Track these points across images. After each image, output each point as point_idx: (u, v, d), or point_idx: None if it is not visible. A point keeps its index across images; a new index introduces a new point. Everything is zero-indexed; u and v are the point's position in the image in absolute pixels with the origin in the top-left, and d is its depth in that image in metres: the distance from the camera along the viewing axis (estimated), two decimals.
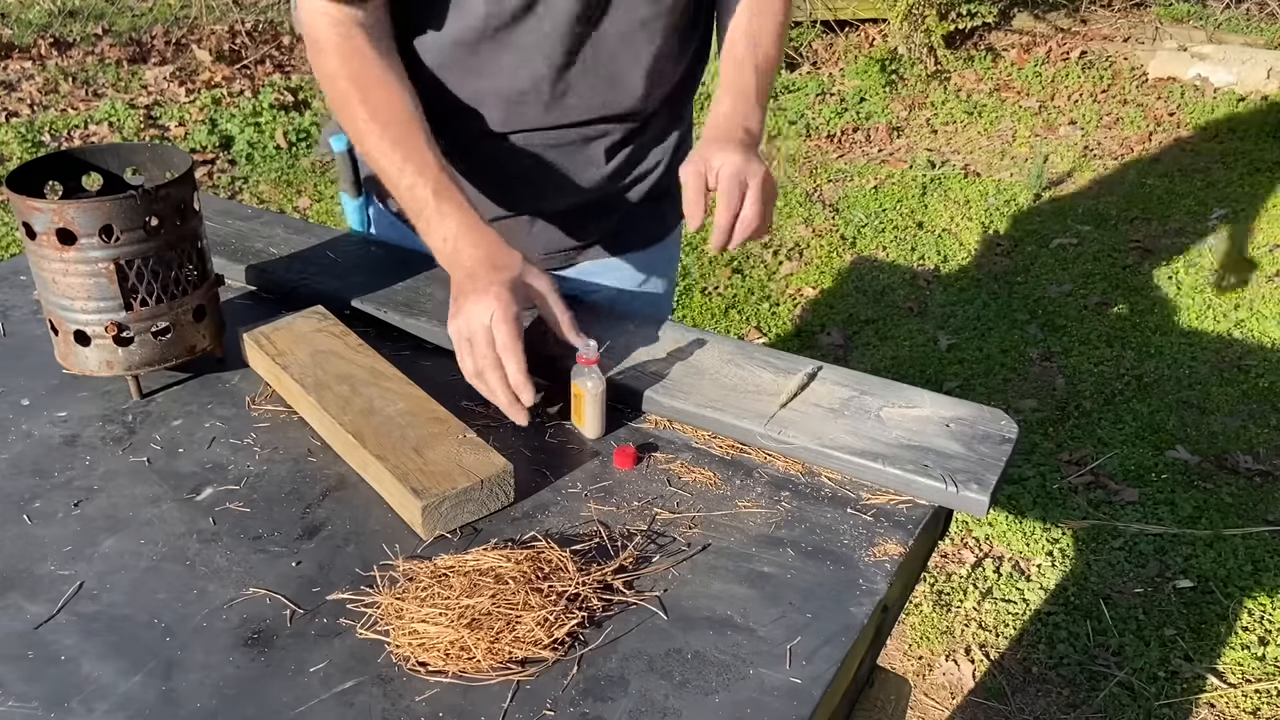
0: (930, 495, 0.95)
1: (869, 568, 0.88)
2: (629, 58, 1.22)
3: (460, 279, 1.07)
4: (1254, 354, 3.10)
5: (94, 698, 0.76)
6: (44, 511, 0.93)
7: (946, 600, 2.26)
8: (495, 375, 1.01)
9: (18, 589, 0.85)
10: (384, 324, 1.19)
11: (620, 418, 1.07)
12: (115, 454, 1.01)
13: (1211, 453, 2.67)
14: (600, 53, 1.20)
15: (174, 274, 1.05)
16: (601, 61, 1.21)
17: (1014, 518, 2.47)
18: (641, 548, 0.90)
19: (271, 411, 1.07)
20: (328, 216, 3.85)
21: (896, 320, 3.23)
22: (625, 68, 1.22)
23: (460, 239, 1.09)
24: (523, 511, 0.94)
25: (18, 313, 1.23)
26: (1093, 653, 2.12)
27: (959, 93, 4.96)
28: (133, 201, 0.99)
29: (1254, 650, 2.11)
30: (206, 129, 4.42)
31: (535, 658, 0.79)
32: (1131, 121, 4.70)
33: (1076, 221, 3.90)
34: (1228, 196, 4.06)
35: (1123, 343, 3.16)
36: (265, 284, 1.28)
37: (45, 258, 1.01)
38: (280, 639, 0.81)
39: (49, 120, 4.42)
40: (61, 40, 5.35)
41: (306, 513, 0.94)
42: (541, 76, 1.20)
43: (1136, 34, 5.30)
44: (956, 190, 4.10)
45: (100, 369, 1.05)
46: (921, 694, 2.05)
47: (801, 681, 0.78)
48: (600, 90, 1.23)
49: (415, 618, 0.80)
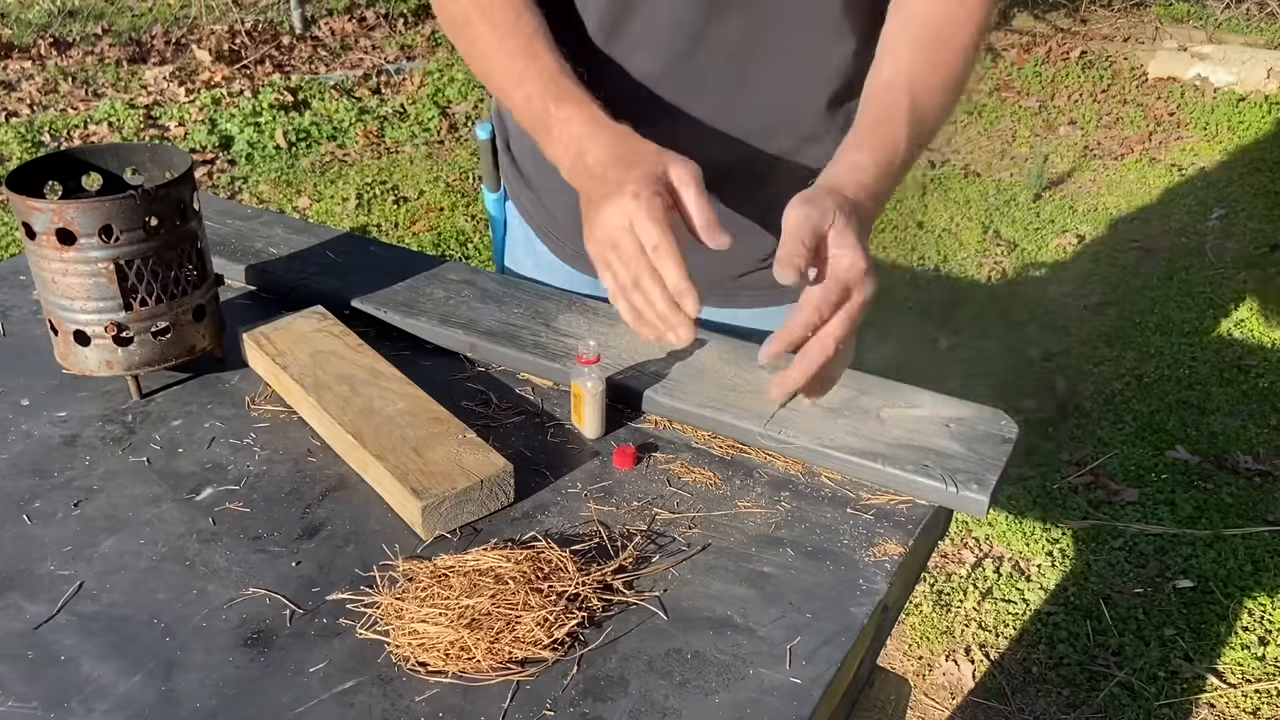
0: (930, 495, 0.95)
1: (869, 568, 0.88)
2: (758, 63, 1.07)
3: (589, 187, 0.94)
4: (1254, 354, 3.10)
5: (94, 698, 0.76)
6: (44, 511, 0.93)
7: (946, 600, 2.26)
8: (651, 283, 0.87)
9: (17, 589, 0.85)
10: (384, 324, 1.19)
11: (620, 418, 1.07)
12: (115, 454, 1.01)
13: (1211, 453, 2.67)
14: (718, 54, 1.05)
15: (174, 274, 1.05)
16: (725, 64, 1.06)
17: (1014, 518, 2.47)
18: (641, 548, 0.90)
19: (271, 411, 1.07)
20: (328, 216, 3.85)
21: (896, 320, 3.23)
22: (755, 74, 1.07)
23: (584, 140, 0.96)
24: (523, 511, 0.94)
25: (18, 313, 1.23)
26: (1093, 653, 2.12)
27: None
28: (132, 201, 0.99)
29: (1254, 650, 2.11)
30: (206, 129, 4.42)
31: (535, 658, 0.79)
32: (1131, 121, 4.70)
33: (1076, 221, 3.89)
34: (1228, 196, 4.06)
35: (1123, 343, 3.16)
36: (265, 284, 1.28)
37: (45, 258, 1.01)
38: (280, 639, 0.81)
39: (49, 120, 4.42)
40: (61, 40, 5.35)
41: (306, 513, 0.93)
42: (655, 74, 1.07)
43: (1136, 34, 5.29)
44: (956, 190, 4.10)
45: (100, 369, 1.05)
46: (921, 694, 2.05)
47: (801, 681, 0.77)
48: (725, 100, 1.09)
49: (415, 618, 0.80)
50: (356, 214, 3.89)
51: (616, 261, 0.89)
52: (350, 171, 4.22)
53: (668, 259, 0.86)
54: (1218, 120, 4.66)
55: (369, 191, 4.05)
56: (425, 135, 4.59)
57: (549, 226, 1.32)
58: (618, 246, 0.88)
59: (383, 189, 4.08)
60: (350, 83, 4.99)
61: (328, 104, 4.75)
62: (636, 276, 0.88)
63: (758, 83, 1.11)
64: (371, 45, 5.57)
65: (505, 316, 1.17)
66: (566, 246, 1.31)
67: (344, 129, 4.58)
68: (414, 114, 4.76)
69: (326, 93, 4.85)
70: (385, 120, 4.69)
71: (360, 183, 4.11)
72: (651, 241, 0.86)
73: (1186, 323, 3.26)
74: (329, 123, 4.61)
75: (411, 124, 4.68)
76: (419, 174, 4.20)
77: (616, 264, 0.89)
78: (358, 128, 4.59)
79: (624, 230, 0.87)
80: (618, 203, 0.88)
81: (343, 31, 5.67)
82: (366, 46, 5.55)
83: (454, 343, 1.15)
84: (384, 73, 5.14)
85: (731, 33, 1.08)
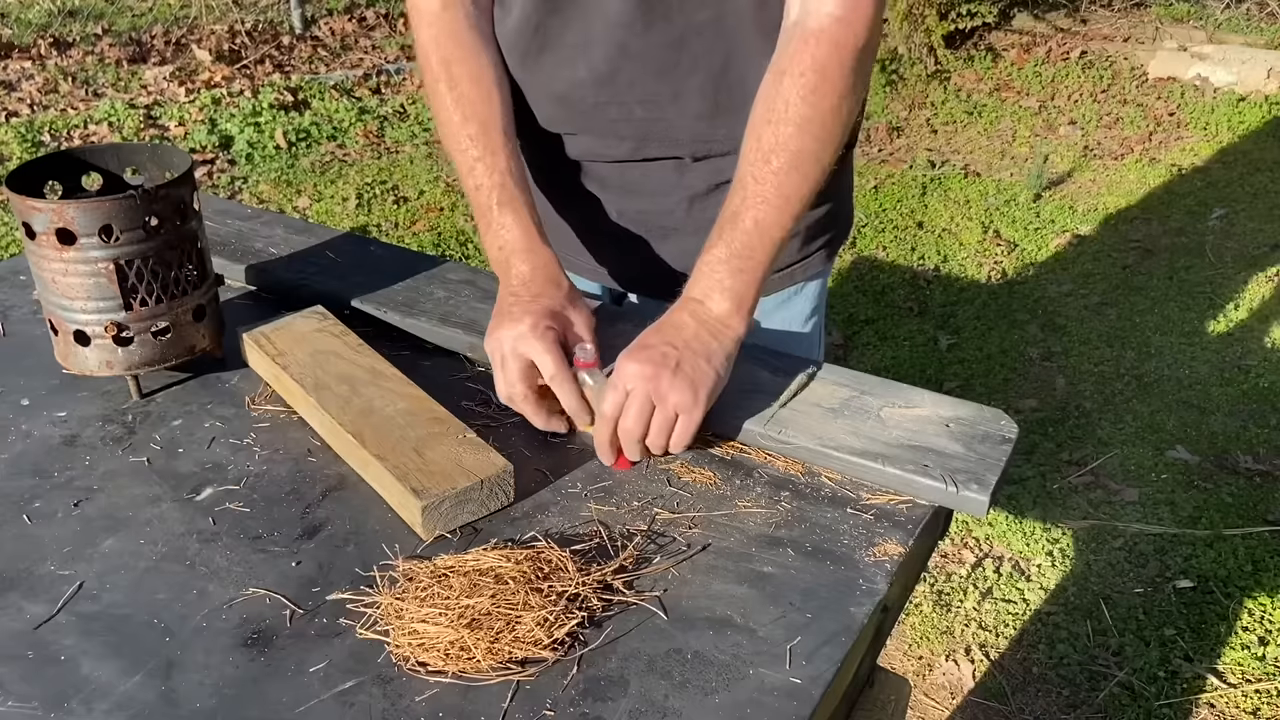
0: (930, 495, 0.95)
1: (869, 568, 0.88)
2: (686, 68, 1.11)
3: (503, 296, 1.04)
4: (1254, 354, 3.09)
5: (94, 698, 0.76)
6: (44, 511, 0.93)
7: (946, 600, 2.26)
8: (527, 406, 0.99)
9: (18, 589, 0.85)
10: (384, 324, 1.19)
11: None
12: (115, 454, 1.01)
13: (1211, 453, 2.67)
14: (649, 61, 1.10)
15: (174, 274, 1.05)
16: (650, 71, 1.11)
17: (1014, 518, 2.47)
18: (641, 548, 0.90)
19: (271, 411, 1.07)
20: (328, 216, 3.85)
21: (896, 320, 3.23)
22: (682, 79, 1.11)
23: (513, 255, 1.06)
24: (523, 511, 0.94)
25: (18, 313, 1.23)
26: (1093, 653, 2.12)
27: (959, 92, 4.97)
28: (133, 201, 0.99)
29: (1254, 650, 2.11)
30: (206, 129, 4.42)
31: (535, 658, 0.79)
32: (1131, 121, 4.70)
33: (1076, 221, 3.89)
34: (1228, 196, 4.06)
35: (1123, 343, 3.16)
36: (265, 284, 1.28)
37: (45, 258, 1.01)
38: (280, 639, 0.81)
39: (49, 120, 4.42)
40: (61, 40, 5.35)
41: (306, 513, 0.93)
42: (582, 81, 1.13)
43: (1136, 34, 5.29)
44: (956, 190, 4.10)
45: (100, 369, 1.05)
46: (921, 694, 2.05)
47: (801, 681, 0.77)
48: (653, 105, 1.13)
49: (415, 618, 0.80)
50: (356, 214, 3.89)
51: (502, 375, 1.00)
52: (350, 171, 4.22)
53: (563, 385, 0.97)
54: (1218, 120, 4.66)
55: (369, 191, 4.05)
56: (425, 135, 4.59)
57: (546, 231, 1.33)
58: (505, 365, 0.99)
59: (383, 189, 4.08)
60: (350, 83, 4.99)
61: (328, 104, 4.75)
62: (513, 398, 1.00)
63: (686, 93, 1.14)
64: (371, 45, 5.57)
65: None
66: (564, 252, 1.31)
67: (344, 129, 4.58)
68: (414, 114, 4.76)
69: (326, 93, 4.85)
70: (385, 120, 4.69)
71: (360, 183, 4.11)
72: (549, 371, 0.97)
73: (1186, 323, 3.26)
74: (329, 123, 4.61)
75: (411, 124, 4.68)
76: (419, 174, 4.20)
77: (502, 378, 1.00)
78: (358, 128, 4.59)
79: (512, 354, 0.98)
80: (515, 328, 0.98)
81: (343, 31, 5.67)
82: (366, 46, 5.55)
83: (454, 343, 1.15)
84: (384, 73, 5.14)
85: (655, 45, 1.10)
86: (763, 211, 1.00)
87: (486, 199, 1.09)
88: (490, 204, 1.08)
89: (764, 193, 1.00)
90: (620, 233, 1.28)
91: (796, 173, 1.00)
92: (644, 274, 1.30)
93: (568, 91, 1.16)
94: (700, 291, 1.01)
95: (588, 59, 1.13)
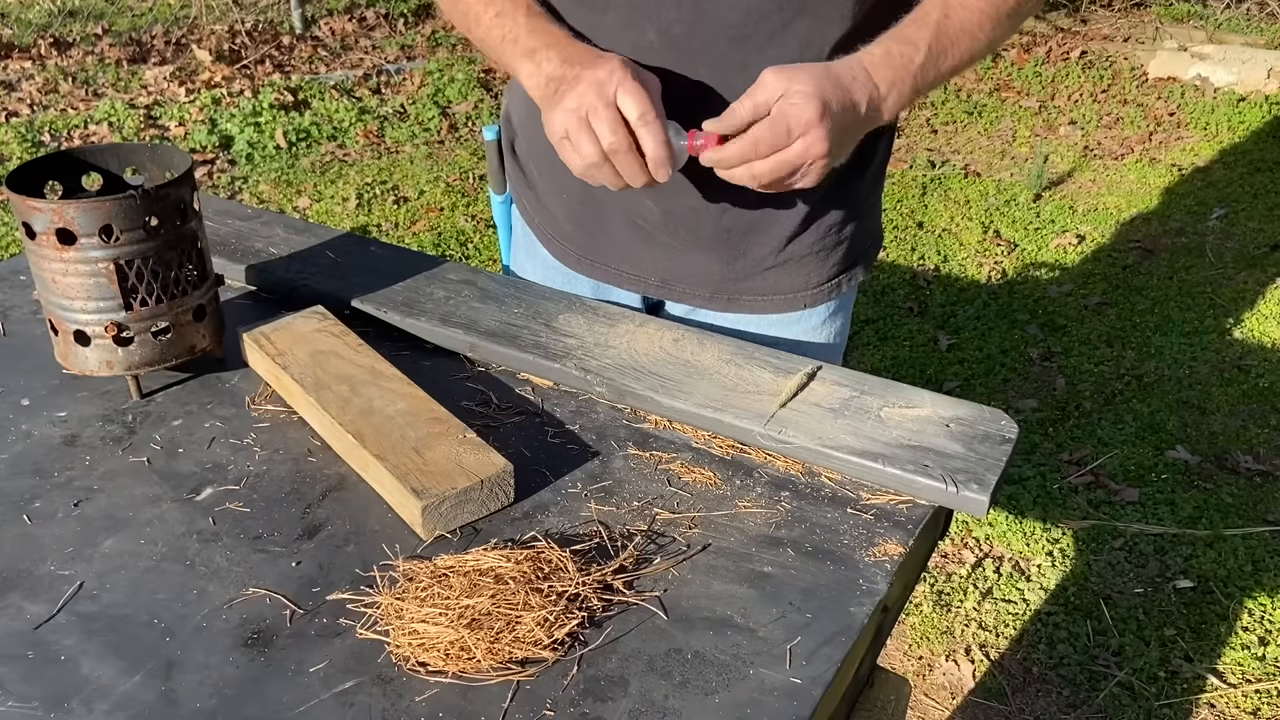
0: (930, 495, 0.95)
1: (869, 568, 0.88)
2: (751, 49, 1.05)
3: (558, 77, 0.95)
4: (1254, 354, 3.10)
5: (94, 698, 0.76)
6: (44, 511, 0.93)
7: (946, 600, 2.26)
8: (630, 160, 0.91)
9: (18, 589, 0.85)
10: (384, 324, 1.19)
11: (620, 417, 1.07)
12: (115, 454, 1.01)
13: (1211, 453, 2.67)
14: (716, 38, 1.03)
15: (174, 274, 1.05)
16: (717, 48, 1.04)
17: (1014, 518, 2.47)
18: (641, 548, 0.90)
19: (271, 411, 1.07)
20: (327, 216, 3.85)
21: (896, 320, 3.23)
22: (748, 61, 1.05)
23: (551, 48, 0.98)
24: (523, 511, 0.94)
25: (18, 313, 1.23)
26: (1093, 653, 2.12)
27: (959, 92, 4.97)
28: (133, 201, 0.99)
29: (1254, 650, 2.11)
30: (206, 129, 4.42)
31: (535, 658, 0.79)
32: (1131, 121, 4.71)
33: (1076, 221, 3.90)
34: (1228, 196, 4.06)
35: (1123, 343, 3.16)
36: (265, 284, 1.28)
37: (45, 258, 1.01)
38: (280, 639, 0.81)
39: (49, 120, 4.42)
40: (61, 40, 5.35)
41: (306, 513, 0.94)
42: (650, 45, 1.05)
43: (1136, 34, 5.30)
44: (956, 190, 4.10)
45: (100, 369, 1.05)
46: (921, 694, 2.05)
47: (801, 681, 0.78)
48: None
49: (415, 618, 0.80)
50: (356, 214, 3.89)
51: (585, 135, 0.90)
52: (350, 171, 4.22)
53: (652, 129, 0.89)
54: (1218, 120, 4.66)
55: (369, 191, 4.05)
56: (425, 135, 4.59)
57: (550, 228, 1.32)
58: (596, 117, 0.90)
59: (383, 189, 4.08)
60: (350, 83, 4.99)
61: (328, 104, 4.75)
62: (615, 149, 0.91)
63: (756, 65, 1.08)
64: (371, 45, 5.57)
65: (505, 316, 1.17)
66: (568, 250, 1.31)
67: (344, 129, 4.58)
68: (414, 114, 4.76)
69: (326, 93, 4.85)
70: (385, 120, 4.69)
71: (360, 183, 4.11)
72: (638, 111, 0.89)
73: (1186, 323, 3.26)
74: (329, 123, 4.61)
75: (412, 124, 4.68)
76: (419, 174, 4.20)
77: (586, 139, 0.91)
78: (358, 128, 4.59)
79: (602, 101, 0.89)
80: (592, 80, 0.90)
81: (343, 31, 5.67)
82: (366, 46, 5.55)
83: (454, 343, 1.15)
84: (384, 73, 5.14)
85: (734, 10, 1.05)
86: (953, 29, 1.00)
87: (511, 19, 1.01)
88: (516, 18, 1.01)
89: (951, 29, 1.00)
90: (666, 233, 1.23)
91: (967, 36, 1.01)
92: (684, 278, 1.25)
93: (631, 56, 1.07)
94: (881, 78, 0.97)
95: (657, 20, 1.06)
